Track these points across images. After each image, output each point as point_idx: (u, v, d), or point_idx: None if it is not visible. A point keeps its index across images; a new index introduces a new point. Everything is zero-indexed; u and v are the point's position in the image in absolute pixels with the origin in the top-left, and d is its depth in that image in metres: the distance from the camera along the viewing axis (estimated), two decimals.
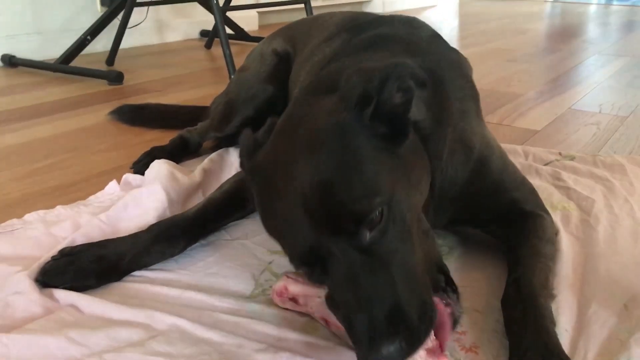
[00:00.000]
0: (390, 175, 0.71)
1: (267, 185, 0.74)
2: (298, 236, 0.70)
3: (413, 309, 0.66)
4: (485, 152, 1.00)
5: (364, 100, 0.71)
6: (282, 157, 0.73)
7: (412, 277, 0.69)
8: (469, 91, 1.03)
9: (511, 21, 4.77)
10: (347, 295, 0.67)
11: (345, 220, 0.67)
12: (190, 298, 0.93)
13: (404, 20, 1.14)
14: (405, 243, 0.70)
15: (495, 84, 2.49)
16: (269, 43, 1.46)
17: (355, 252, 0.67)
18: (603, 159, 1.46)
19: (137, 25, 3.08)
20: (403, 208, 0.71)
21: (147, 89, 2.35)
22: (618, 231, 1.12)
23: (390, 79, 0.71)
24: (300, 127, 0.74)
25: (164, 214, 1.15)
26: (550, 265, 0.94)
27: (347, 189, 0.67)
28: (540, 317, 0.80)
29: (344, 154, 0.69)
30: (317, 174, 0.68)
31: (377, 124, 0.72)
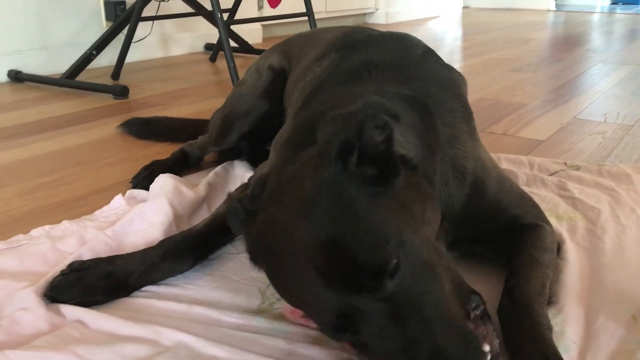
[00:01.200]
0: (392, 217, 0.69)
1: (274, 260, 0.72)
2: (321, 305, 0.68)
3: (454, 346, 0.65)
4: (480, 175, 0.99)
5: (345, 150, 0.69)
6: (278, 224, 0.71)
7: (445, 312, 0.67)
8: (460, 113, 1.02)
9: (514, 31, 4.78)
10: (384, 350, 0.66)
11: (364, 276, 0.65)
12: (197, 313, 0.93)
13: (395, 38, 1.13)
14: (429, 280, 0.69)
15: (499, 94, 2.49)
16: (266, 58, 1.47)
17: (382, 305, 0.66)
18: (609, 169, 1.46)
19: (142, 40, 3.10)
20: (416, 245, 0.69)
21: (152, 102, 2.36)
22: (625, 241, 1.12)
23: (367, 120, 0.69)
24: (288, 190, 0.72)
25: (170, 228, 1.15)
26: (547, 273, 0.93)
27: (356, 244, 0.65)
28: (536, 325, 0.79)
29: (340, 210, 0.67)
30: (318, 235, 0.66)
31: (364, 168, 0.70)
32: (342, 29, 1.28)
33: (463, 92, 1.09)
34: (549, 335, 0.80)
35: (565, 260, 1.03)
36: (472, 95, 2.44)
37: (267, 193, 0.76)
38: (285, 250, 0.70)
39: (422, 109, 0.96)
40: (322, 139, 0.71)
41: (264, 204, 0.75)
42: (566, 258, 1.04)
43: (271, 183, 0.77)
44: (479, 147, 1.05)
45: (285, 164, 0.79)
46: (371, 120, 0.70)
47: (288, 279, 0.71)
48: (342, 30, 1.27)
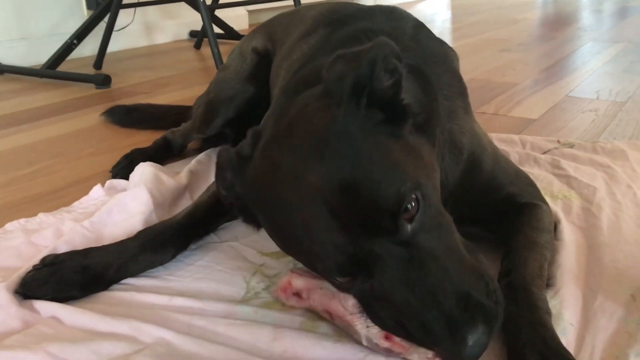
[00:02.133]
0: (407, 159, 0.67)
1: (275, 201, 0.68)
2: (331, 247, 0.65)
3: (478, 289, 0.64)
4: (476, 150, 0.96)
5: (358, 90, 0.66)
6: (285, 167, 0.67)
7: (462, 258, 0.67)
8: (456, 87, 0.98)
9: (504, 11, 4.73)
10: (406, 296, 0.63)
11: (382, 217, 0.63)
12: (179, 305, 0.89)
13: (385, 11, 1.09)
14: (444, 226, 0.68)
15: (490, 74, 2.45)
16: (249, 41, 1.41)
17: (401, 249, 0.64)
18: (603, 146, 1.42)
19: (125, 28, 3.03)
20: (430, 190, 0.67)
21: (135, 91, 2.31)
22: (622, 219, 1.08)
23: (378, 62, 0.66)
24: (295, 132, 0.68)
25: (150, 218, 1.11)
26: (545, 254, 0.90)
27: (374, 185, 0.63)
28: (534, 309, 0.76)
29: (356, 151, 0.64)
30: (336, 177, 0.63)
31: (372, 111, 0.67)
32: (326, 5, 1.23)
33: (456, 66, 1.05)
34: (548, 319, 0.76)
35: (562, 241, 0.99)
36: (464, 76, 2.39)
37: (266, 138, 0.72)
38: (294, 194, 0.66)
39: (423, 79, 0.91)
40: (331, 76, 0.68)
41: (262, 149, 0.71)
42: (562, 238, 1.00)
43: (270, 128, 0.73)
44: (474, 122, 1.01)
45: (286, 108, 0.75)
46: (382, 62, 0.67)
47: (294, 224, 0.67)
48: (327, 6, 1.21)
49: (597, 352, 0.77)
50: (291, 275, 0.83)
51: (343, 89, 0.66)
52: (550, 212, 1.01)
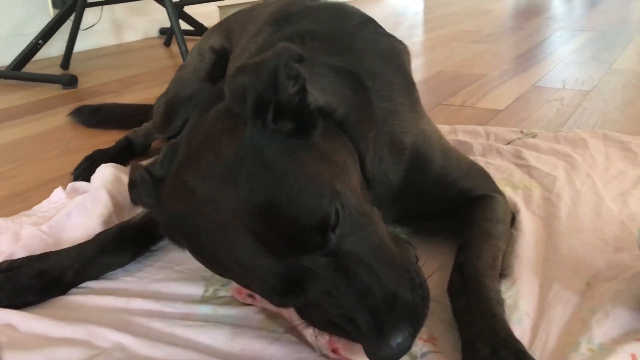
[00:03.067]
0: (321, 169, 0.67)
1: (196, 229, 0.67)
2: (262, 271, 0.64)
3: (405, 287, 0.65)
4: (422, 148, 0.96)
5: (261, 106, 0.65)
6: (200, 193, 0.65)
7: (389, 255, 0.67)
8: (400, 85, 0.97)
9: (476, 2, 4.75)
10: (337, 302, 0.64)
11: (308, 234, 0.63)
12: (136, 307, 0.88)
13: (330, 8, 1.08)
14: (368, 226, 0.69)
15: (458, 66, 2.46)
16: (207, 39, 1.40)
17: (329, 259, 0.64)
18: (565, 135, 1.44)
19: (93, 27, 2.99)
20: (348, 194, 0.67)
21: (102, 90, 2.28)
22: (580, 207, 1.10)
23: (280, 71, 0.65)
24: (204, 156, 0.67)
25: (110, 220, 1.10)
26: (499, 245, 0.90)
27: (294, 203, 0.62)
28: (486, 300, 0.76)
29: (269, 171, 0.63)
30: (253, 201, 0.62)
31: (281, 123, 0.66)
32: (282, 3, 1.22)
33: (404, 62, 1.04)
34: (500, 310, 0.77)
35: (520, 231, 1.00)
36: (432, 68, 2.43)
37: (179, 159, 0.71)
38: (213, 222, 0.65)
39: (355, 82, 0.91)
40: (232, 92, 0.67)
41: (174, 171, 0.70)
42: (521, 228, 1.01)
43: (182, 148, 0.72)
44: (421, 119, 1.00)
45: (196, 126, 0.74)
46: (284, 69, 0.66)
47: (220, 252, 0.66)
48: (282, 3, 1.21)
49: (551, 341, 0.78)
50: None
51: (247, 107, 0.65)
52: (506, 203, 1.01)
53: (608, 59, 2.48)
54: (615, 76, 2.18)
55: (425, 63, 2.58)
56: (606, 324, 0.78)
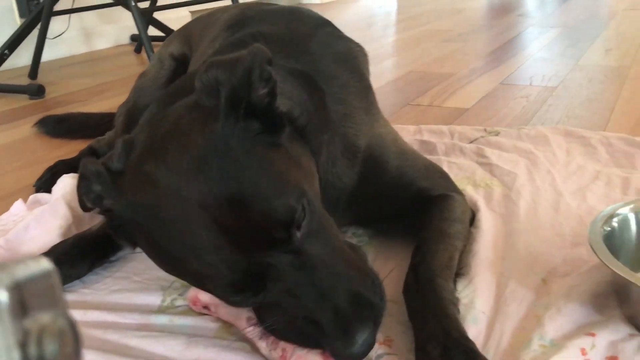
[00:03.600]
0: (289, 168, 0.68)
1: (157, 221, 0.66)
2: (223, 266, 0.64)
3: (367, 287, 0.67)
4: (377, 151, 0.96)
5: (233, 101, 0.65)
6: (164, 185, 0.64)
7: (348, 258, 0.69)
8: (355, 88, 0.98)
9: (448, 2, 4.78)
10: (300, 300, 0.64)
11: (275, 230, 0.63)
12: (93, 319, 0.87)
13: (285, 12, 1.09)
14: (328, 228, 0.70)
15: (428, 66, 2.47)
16: (167, 46, 1.39)
17: (293, 257, 0.65)
18: (527, 132, 1.45)
19: (61, 35, 2.96)
20: (312, 196, 0.69)
21: (70, 99, 2.25)
22: (539, 204, 1.11)
23: (254, 70, 0.66)
24: (171, 147, 0.66)
25: (69, 231, 1.08)
26: (456, 244, 0.91)
27: (263, 198, 0.63)
28: (439, 301, 0.77)
29: (239, 165, 0.63)
30: (222, 193, 0.62)
31: (250, 121, 0.67)
32: (240, 7, 1.22)
33: (360, 64, 1.05)
34: (453, 310, 0.77)
35: (479, 229, 1.00)
36: (402, 69, 2.44)
37: (140, 151, 0.69)
38: (177, 213, 0.64)
39: (310, 85, 0.91)
40: (204, 85, 0.66)
41: (135, 162, 0.68)
42: (480, 227, 1.01)
43: (143, 140, 0.70)
44: (376, 122, 1.01)
45: (156, 119, 0.73)
46: (258, 69, 0.66)
47: (180, 245, 0.65)
48: (240, 7, 1.20)
49: (505, 338, 0.78)
50: (196, 289, 0.82)
51: (219, 101, 0.65)
52: (465, 202, 1.02)
53: (575, 54, 2.50)
54: (581, 72, 2.20)
55: (395, 63, 2.59)
56: (559, 319, 0.79)
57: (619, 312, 0.80)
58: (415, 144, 1.43)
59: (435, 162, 1.27)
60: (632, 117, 1.65)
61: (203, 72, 0.66)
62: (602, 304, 0.82)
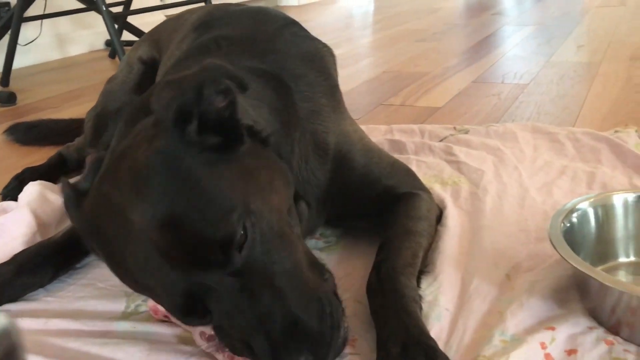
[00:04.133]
0: (237, 185, 0.66)
1: (108, 241, 0.66)
2: (166, 288, 0.64)
3: (311, 314, 0.64)
4: (344, 149, 0.96)
5: (183, 116, 0.64)
6: (114, 204, 0.65)
7: (298, 280, 0.66)
8: (321, 86, 0.98)
9: (425, 2, 4.80)
10: (238, 324, 0.63)
11: (211, 251, 0.61)
12: (54, 327, 0.86)
13: (251, 13, 1.09)
14: (281, 248, 0.67)
15: (402, 65, 2.48)
16: (136, 50, 1.38)
17: (233, 279, 0.63)
18: (496, 129, 1.46)
19: (34, 41, 2.93)
20: (264, 213, 0.66)
21: (42, 106, 2.23)
22: (505, 200, 1.11)
23: (206, 85, 0.65)
24: (121, 165, 0.66)
25: (34, 239, 1.07)
26: (421, 241, 0.91)
27: (199, 218, 0.61)
28: (401, 298, 0.76)
29: (177, 182, 0.62)
30: (157, 214, 0.61)
31: (206, 136, 0.66)
32: (207, 8, 1.22)
33: (327, 64, 1.05)
34: (414, 307, 0.77)
35: (445, 227, 1.01)
36: (376, 69, 2.44)
37: (101, 170, 0.70)
38: (122, 233, 0.64)
39: (278, 83, 0.91)
40: (158, 105, 0.66)
41: (96, 183, 0.69)
42: (446, 224, 1.01)
43: (106, 160, 0.71)
44: (344, 120, 1.01)
45: (121, 137, 0.74)
46: (211, 84, 0.65)
47: (128, 264, 0.65)
48: (207, 9, 1.20)
49: (468, 335, 0.78)
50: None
51: (167, 118, 0.64)
52: (431, 200, 1.02)
53: (548, 52, 2.53)
54: (552, 69, 2.22)
55: (370, 64, 2.60)
56: (520, 314, 0.79)
57: (580, 306, 0.80)
58: (385, 143, 1.43)
59: (405, 161, 1.28)
60: (601, 112, 1.67)
61: (156, 93, 0.66)
62: (564, 298, 0.82)
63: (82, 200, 0.70)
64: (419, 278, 0.87)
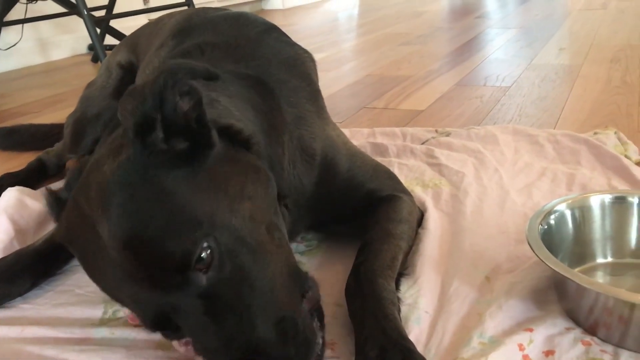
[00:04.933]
0: (203, 198, 0.63)
1: (83, 252, 0.67)
2: (138, 304, 0.64)
3: (277, 336, 0.62)
4: (329, 154, 0.97)
5: (144, 126, 0.63)
6: (85, 217, 0.64)
7: (269, 298, 0.63)
8: (305, 92, 0.98)
9: (409, 4, 4.83)
10: (204, 345, 0.63)
11: (169, 274, 0.60)
12: (31, 335, 0.85)
13: (232, 18, 1.08)
14: (252, 263, 0.64)
15: (385, 69, 2.49)
16: (115, 55, 1.37)
17: (197, 301, 0.61)
18: (477, 132, 1.46)
19: (15, 46, 2.91)
20: (234, 226, 0.64)
21: (23, 111, 2.21)
22: (485, 202, 1.12)
23: (167, 89, 0.63)
24: (91, 179, 0.65)
25: (11, 246, 1.06)
26: (400, 244, 0.91)
27: (159, 236, 0.59)
28: (378, 300, 0.76)
29: (137, 202, 0.61)
30: (117, 234, 0.60)
31: (174, 142, 0.65)
32: (185, 13, 1.21)
33: (309, 69, 1.05)
34: (392, 309, 0.77)
35: (426, 229, 1.01)
36: (359, 73, 2.45)
37: (80, 181, 0.69)
38: (93, 247, 0.64)
39: (262, 87, 0.91)
40: (121, 116, 0.64)
41: (74, 193, 0.68)
42: (427, 227, 1.02)
43: (86, 169, 0.70)
44: (327, 125, 1.01)
45: (99, 147, 0.74)
46: (174, 86, 0.64)
47: (102, 277, 0.66)
48: (183, 15, 1.20)
49: (447, 337, 0.78)
50: None
51: (130, 127, 0.63)
52: (412, 202, 1.02)
53: (529, 54, 2.55)
54: (534, 71, 2.24)
55: (354, 67, 2.60)
56: (499, 316, 0.79)
57: (558, 307, 0.81)
58: (368, 146, 1.43)
59: (387, 163, 1.28)
60: (582, 114, 1.68)
61: (120, 104, 0.65)
62: (542, 299, 0.83)
63: (61, 209, 0.70)
64: (399, 281, 0.87)
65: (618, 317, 0.72)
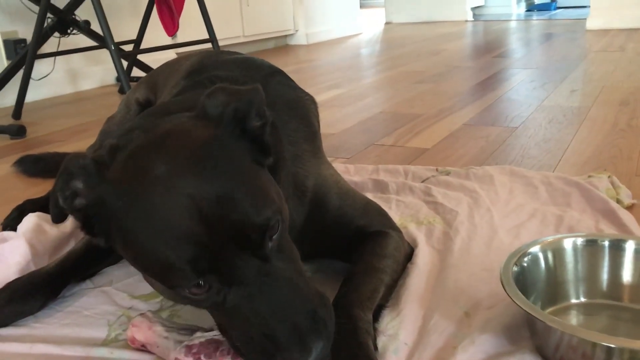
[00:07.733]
0: (270, 186, 0.76)
1: (139, 205, 0.69)
2: (191, 248, 0.67)
3: (322, 309, 0.72)
4: (320, 192, 1.04)
5: (235, 117, 0.75)
6: (157, 174, 0.69)
7: (307, 281, 0.75)
8: (304, 133, 1.07)
9: (428, 43, 4.92)
10: (259, 306, 0.69)
11: (252, 232, 0.69)
12: (38, 352, 0.92)
13: (240, 61, 1.17)
14: (293, 250, 0.77)
15: (398, 106, 2.56)
16: (134, 92, 1.46)
17: (261, 263, 0.70)
18: (475, 172, 1.52)
19: (47, 76, 3.06)
20: (285, 216, 0.76)
21: (51, 139, 2.33)
22: (474, 240, 1.17)
23: (254, 102, 0.77)
24: (171, 143, 0.73)
25: (28, 268, 1.14)
26: (382, 278, 0.96)
27: (249, 201, 0.70)
28: (354, 330, 0.81)
29: (233, 168, 0.72)
30: (214, 188, 0.68)
31: (245, 141, 0.76)
32: (200, 55, 1.30)
33: (309, 112, 1.13)
34: (367, 338, 0.82)
35: (414, 264, 1.06)
36: (373, 109, 2.52)
37: (132, 147, 0.74)
38: (162, 199, 0.68)
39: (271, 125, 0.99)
40: (212, 102, 0.76)
41: (128, 156, 0.73)
42: (416, 262, 1.07)
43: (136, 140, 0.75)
44: (322, 164, 1.08)
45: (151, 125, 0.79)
46: (257, 104, 0.77)
47: (156, 229, 0.68)
48: (200, 55, 1.29)
49: None
50: (132, 330, 0.88)
51: (224, 112, 0.75)
52: (399, 238, 1.08)
53: (541, 95, 2.60)
54: (543, 112, 2.29)
55: (368, 104, 2.68)
56: (470, 349, 0.84)
57: (529, 343, 0.85)
58: (369, 182, 1.50)
59: (386, 200, 1.34)
60: (583, 156, 1.72)
61: (210, 93, 0.77)
62: (515, 336, 0.87)
63: (104, 171, 0.72)
64: (380, 313, 0.92)
65: (582, 354, 0.76)
